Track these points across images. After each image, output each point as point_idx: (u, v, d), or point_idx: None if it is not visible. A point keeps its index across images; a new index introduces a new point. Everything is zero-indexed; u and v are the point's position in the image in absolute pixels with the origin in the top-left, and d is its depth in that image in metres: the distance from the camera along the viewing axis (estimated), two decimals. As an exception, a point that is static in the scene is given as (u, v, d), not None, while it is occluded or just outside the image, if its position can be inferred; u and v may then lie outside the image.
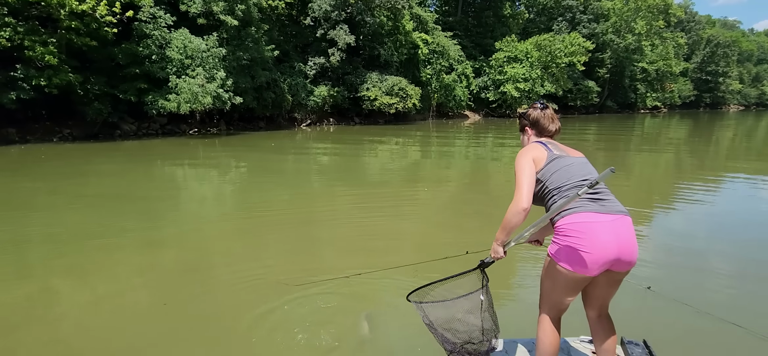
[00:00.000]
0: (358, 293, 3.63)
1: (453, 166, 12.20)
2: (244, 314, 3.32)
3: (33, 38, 14.49)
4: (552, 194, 1.88)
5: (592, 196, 1.83)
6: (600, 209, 1.79)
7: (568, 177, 1.86)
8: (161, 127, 19.79)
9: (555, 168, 1.89)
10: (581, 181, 1.84)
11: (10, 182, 9.23)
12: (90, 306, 3.52)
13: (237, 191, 8.66)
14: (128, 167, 11.43)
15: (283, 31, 26.80)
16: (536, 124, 2.12)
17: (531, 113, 2.15)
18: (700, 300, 3.44)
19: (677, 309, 3.27)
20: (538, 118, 2.11)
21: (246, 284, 3.85)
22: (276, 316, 3.29)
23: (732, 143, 19.12)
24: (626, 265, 1.81)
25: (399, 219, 6.31)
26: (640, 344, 2.27)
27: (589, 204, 1.80)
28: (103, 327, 3.21)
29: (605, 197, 1.85)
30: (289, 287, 3.69)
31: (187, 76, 17.95)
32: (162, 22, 17.93)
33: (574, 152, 2.01)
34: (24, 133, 16.16)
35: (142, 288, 3.87)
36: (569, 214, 1.80)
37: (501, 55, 37.95)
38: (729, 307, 3.39)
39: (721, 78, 66.24)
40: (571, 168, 1.89)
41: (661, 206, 7.25)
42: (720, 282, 4.05)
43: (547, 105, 2.16)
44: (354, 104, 28.11)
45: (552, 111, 2.14)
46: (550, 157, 1.92)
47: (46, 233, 5.58)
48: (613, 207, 1.83)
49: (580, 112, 46.97)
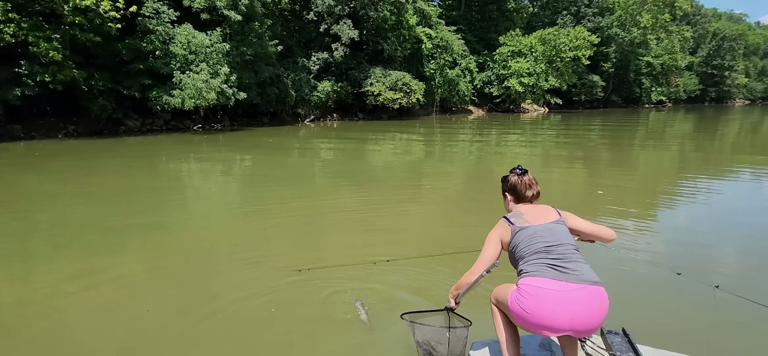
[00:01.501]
0: (368, 282, 3.61)
1: (457, 161, 12.15)
2: (250, 300, 3.31)
3: (37, 34, 14.51)
4: (519, 263, 1.99)
5: (555, 263, 1.88)
6: (558, 276, 1.83)
7: (530, 248, 1.95)
8: (165, 123, 19.82)
9: (519, 240, 2.01)
10: (545, 247, 1.92)
11: (16, 178, 9.26)
12: (94, 300, 3.51)
13: (242, 187, 8.65)
14: (133, 163, 11.44)
15: (287, 27, 26.75)
16: (514, 190, 2.23)
17: (510, 179, 2.25)
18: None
19: (747, 308, 3.17)
20: (515, 184, 2.22)
21: (250, 271, 3.84)
22: (279, 299, 3.27)
23: (738, 137, 18.96)
24: (584, 333, 1.82)
25: (402, 214, 6.27)
26: (619, 332, 2.27)
27: (548, 270, 1.86)
28: (107, 321, 3.20)
29: (569, 266, 1.86)
30: (292, 272, 3.67)
31: (191, 71, 17.95)
32: (166, 18, 17.91)
33: (542, 216, 2.08)
34: (29, 129, 16.21)
35: (148, 284, 3.86)
36: (526, 275, 1.89)
37: (505, 50, 37.76)
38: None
39: (727, 72, 65.64)
40: (533, 238, 1.97)
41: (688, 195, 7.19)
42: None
43: (525, 171, 2.24)
44: (358, 99, 28.04)
45: (530, 178, 2.23)
46: (514, 231, 2.04)
47: (51, 225, 5.59)
48: (576, 276, 1.83)
49: (585, 106, 46.72)
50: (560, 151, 14.18)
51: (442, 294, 3.20)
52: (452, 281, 2.39)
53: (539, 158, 12.70)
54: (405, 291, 3.54)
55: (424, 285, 3.63)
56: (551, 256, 1.88)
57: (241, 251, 4.66)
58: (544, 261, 1.88)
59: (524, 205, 2.19)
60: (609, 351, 2.16)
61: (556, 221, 2.04)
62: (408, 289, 3.58)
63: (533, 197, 2.21)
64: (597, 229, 2.18)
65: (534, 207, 2.16)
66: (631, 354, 2.12)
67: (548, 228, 2.00)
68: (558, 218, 2.08)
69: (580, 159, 12.40)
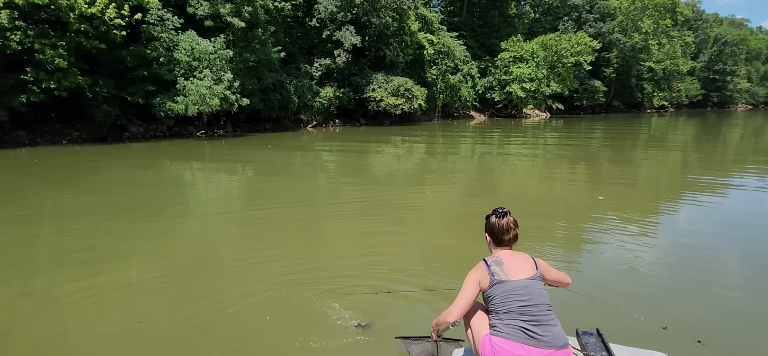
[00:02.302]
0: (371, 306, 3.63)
1: (459, 168, 12.17)
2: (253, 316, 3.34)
3: (43, 41, 14.65)
4: (491, 316, 2.08)
5: (526, 326, 1.93)
6: (528, 342, 1.91)
7: (505, 305, 2.00)
8: (169, 129, 19.92)
9: (495, 293, 2.04)
10: (520, 307, 1.97)
11: (19, 184, 9.33)
12: (94, 306, 3.55)
13: (243, 195, 8.69)
14: (136, 169, 11.51)
15: (289, 33, 26.89)
16: (492, 232, 2.24)
17: (491, 221, 2.26)
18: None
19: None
20: (493, 227, 2.23)
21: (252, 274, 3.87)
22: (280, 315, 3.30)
23: (740, 142, 18.93)
24: None
25: (404, 228, 6.30)
26: (593, 333, 2.33)
27: (518, 334, 1.93)
28: (105, 328, 3.23)
29: (538, 331, 1.92)
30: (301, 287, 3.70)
31: (195, 78, 18.07)
32: (170, 25, 18.06)
33: (520, 269, 2.09)
34: (34, 135, 16.33)
35: (154, 297, 3.89)
36: (498, 335, 1.96)
37: (507, 55, 37.82)
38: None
39: (729, 77, 65.58)
40: (510, 294, 2.00)
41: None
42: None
43: (506, 212, 2.25)
44: (360, 105, 28.13)
45: (510, 220, 2.22)
46: (492, 282, 2.07)
47: (53, 232, 5.63)
48: (545, 342, 1.90)
49: (587, 112, 46.71)
50: (562, 156, 14.19)
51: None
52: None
53: (541, 163, 12.72)
54: (403, 328, 3.28)
55: (423, 318, 3.32)
56: (524, 318, 1.94)
57: (241, 261, 4.69)
58: (516, 323, 1.94)
59: (504, 251, 2.20)
60: (583, 351, 2.21)
61: (532, 277, 2.07)
62: (406, 326, 3.59)
63: (510, 241, 2.23)
64: (561, 277, 2.31)
65: (514, 256, 2.16)
66: (605, 353, 2.18)
67: (525, 285, 2.03)
68: (535, 272, 2.10)
69: (582, 167, 12.40)
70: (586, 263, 4.64)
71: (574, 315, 3.17)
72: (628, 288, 3.99)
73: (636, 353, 2.22)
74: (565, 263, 4.51)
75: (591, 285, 3.91)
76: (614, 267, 4.51)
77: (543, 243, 5.18)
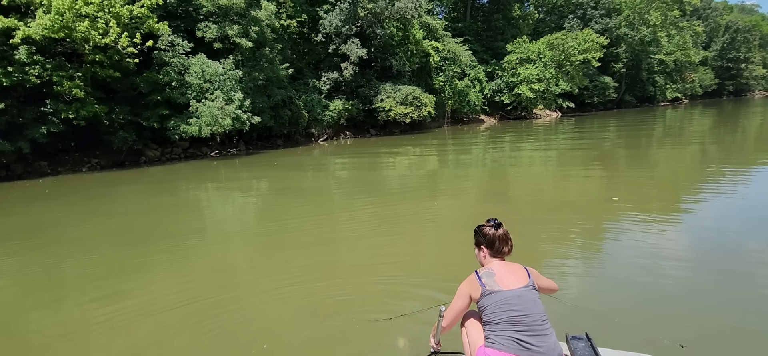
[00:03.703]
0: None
1: (471, 175, 12.13)
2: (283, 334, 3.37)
3: (60, 74, 15.14)
4: (485, 327, 2.07)
5: (520, 338, 1.92)
6: (523, 352, 1.90)
7: (498, 315, 1.99)
8: (184, 151, 20.30)
9: (488, 303, 2.04)
10: (514, 317, 1.95)
11: (41, 212, 9.60)
12: (121, 328, 3.62)
13: (258, 213, 8.79)
14: (153, 192, 11.75)
15: (296, 50, 27.30)
16: (491, 244, 2.24)
17: (486, 232, 2.26)
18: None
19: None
20: (492, 239, 2.23)
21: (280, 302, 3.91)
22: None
23: (761, 130, 18.47)
24: None
25: (419, 239, 6.29)
26: (583, 338, 2.35)
27: (513, 345, 1.92)
28: (138, 346, 3.29)
29: (533, 341, 1.91)
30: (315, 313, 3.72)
31: (207, 99, 18.43)
32: (180, 49, 18.51)
33: (513, 279, 2.08)
34: (55, 164, 16.80)
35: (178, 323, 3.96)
36: (492, 346, 1.96)
37: (513, 57, 37.73)
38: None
39: (744, 64, 64.22)
40: (503, 305, 2.00)
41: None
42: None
43: (500, 224, 2.26)
44: (369, 116, 28.30)
45: (504, 230, 2.25)
46: (484, 293, 2.06)
47: (80, 262, 5.78)
48: (541, 352, 1.89)
49: (598, 109, 46.15)
50: (575, 157, 14.04)
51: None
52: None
53: (554, 164, 12.60)
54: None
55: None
56: (518, 328, 1.93)
57: (258, 282, 4.74)
58: (510, 334, 1.93)
59: (497, 262, 2.20)
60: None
61: (525, 287, 2.06)
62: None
63: (508, 252, 2.24)
64: (550, 284, 2.32)
65: (506, 266, 2.16)
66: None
67: (517, 295, 2.02)
68: (528, 282, 2.09)
69: (597, 165, 12.24)
70: (599, 267, 4.57)
71: (594, 321, 3.12)
72: (640, 294, 3.92)
73: (623, 355, 2.25)
74: (580, 268, 4.45)
75: (603, 290, 3.86)
76: (624, 275, 4.44)
77: (560, 246, 5.13)
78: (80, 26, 14.62)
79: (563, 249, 5.02)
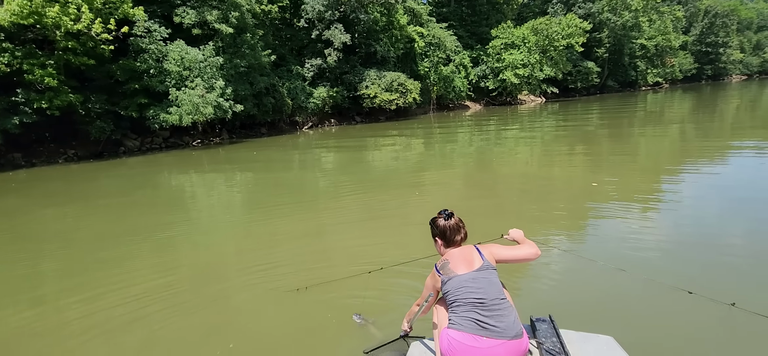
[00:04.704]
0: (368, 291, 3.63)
1: (457, 161, 12.16)
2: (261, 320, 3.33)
3: (31, 62, 14.56)
4: (448, 309, 2.14)
5: (479, 319, 1.98)
6: (481, 333, 1.95)
7: (458, 299, 2.07)
8: (164, 140, 19.85)
9: (447, 289, 2.12)
10: (473, 300, 2.02)
11: (17, 207, 9.30)
12: (101, 325, 3.53)
13: (242, 202, 8.67)
14: (133, 184, 11.47)
15: (278, 36, 26.79)
16: (443, 235, 2.29)
17: (438, 223, 2.31)
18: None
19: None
20: (443, 230, 2.28)
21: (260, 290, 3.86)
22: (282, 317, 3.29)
23: (737, 114, 18.94)
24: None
25: (405, 220, 6.29)
26: (546, 319, 2.42)
27: (472, 325, 1.98)
28: (122, 339, 3.22)
29: (490, 322, 1.96)
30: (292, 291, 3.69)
31: (187, 87, 17.99)
32: (157, 36, 17.95)
33: (466, 263, 2.15)
34: (30, 156, 16.26)
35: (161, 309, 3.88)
36: (453, 327, 2.03)
37: (498, 43, 37.76)
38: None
39: (722, 49, 65.49)
40: (460, 290, 2.07)
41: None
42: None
43: (451, 214, 2.31)
44: (354, 103, 28.08)
45: (457, 220, 2.30)
46: (443, 281, 2.16)
47: (59, 254, 5.61)
48: (497, 332, 1.94)
49: (581, 94, 46.70)
50: (559, 142, 14.19)
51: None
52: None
53: (538, 150, 12.72)
54: (400, 295, 3.55)
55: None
56: (476, 309, 2.00)
57: (241, 268, 4.68)
58: (469, 315, 2.00)
59: (451, 250, 2.26)
60: (535, 338, 2.28)
61: (479, 268, 2.11)
62: (403, 292, 3.59)
63: (461, 240, 2.28)
64: (520, 253, 2.26)
65: (459, 252, 2.22)
66: (555, 339, 2.25)
67: (472, 278, 2.08)
68: (482, 263, 2.13)
69: (580, 150, 12.41)
70: (585, 243, 4.64)
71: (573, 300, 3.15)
72: (627, 308, 3.99)
73: (584, 337, 2.29)
74: (567, 245, 4.50)
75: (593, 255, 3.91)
76: (598, 259, 4.52)
77: (542, 228, 5.18)
78: (50, 12, 14.02)
79: (544, 234, 5.08)
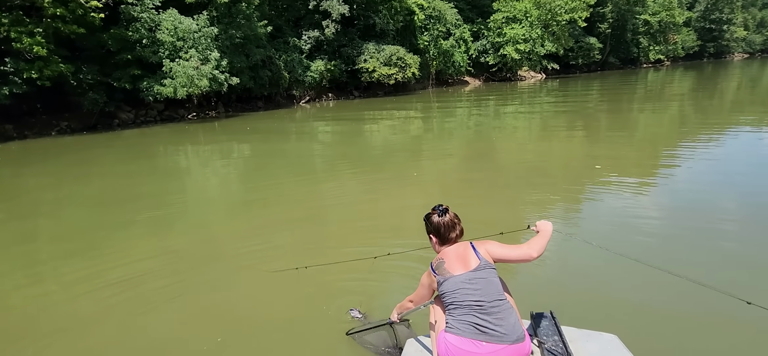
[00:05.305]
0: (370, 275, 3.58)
1: (455, 138, 12.03)
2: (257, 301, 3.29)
3: (19, 29, 14.11)
4: (445, 311, 2.03)
5: (478, 322, 1.87)
6: (480, 338, 1.85)
7: (455, 301, 1.96)
8: (159, 113, 19.54)
9: (443, 290, 2.02)
10: (471, 302, 1.91)
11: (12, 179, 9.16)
12: (101, 301, 3.48)
13: (238, 178, 8.56)
14: (128, 157, 11.31)
15: (275, 6, 26.05)
16: (437, 232, 2.17)
17: (432, 220, 2.19)
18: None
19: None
20: (437, 227, 2.16)
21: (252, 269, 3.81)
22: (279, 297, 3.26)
23: (737, 94, 18.76)
24: None
25: (403, 200, 6.22)
26: (547, 315, 2.31)
27: (470, 330, 1.87)
28: (111, 324, 3.17)
29: (489, 326, 1.86)
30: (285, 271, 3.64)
31: (181, 59, 17.57)
32: (149, 4, 17.39)
33: (462, 262, 2.04)
34: (21, 128, 15.98)
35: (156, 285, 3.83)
36: (451, 331, 1.92)
37: (499, 16, 36.97)
38: None
39: (726, 26, 64.52)
40: (457, 292, 1.96)
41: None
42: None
43: (446, 210, 2.17)
44: (352, 77, 27.62)
45: (451, 216, 2.17)
46: (439, 282, 2.04)
47: (53, 228, 5.53)
48: (497, 337, 1.84)
49: (582, 70, 46.13)
50: (559, 120, 14.04)
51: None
52: None
53: (538, 128, 12.59)
54: (403, 282, 3.50)
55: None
56: (475, 311, 1.89)
57: (238, 248, 4.61)
58: (467, 319, 1.90)
59: (446, 249, 2.13)
60: (535, 336, 2.19)
61: (476, 268, 1.99)
62: (407, 282, 3.54)
63: (457, 238, 2.16)
64: (517, 253, 2.08)
65: (455, 251, 2.09)
66: (556, 336, 2.15)
67: (469, 279, 1.96)
68: (479, 262, 2.01)
69: (580, 128, 12.29)
70: (589, 228, 4.59)
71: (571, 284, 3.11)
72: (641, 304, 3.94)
73: (586, 335, 2.19)
74: (565, 229, 4.46)
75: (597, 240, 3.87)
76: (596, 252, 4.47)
77: (543, 211, 5.12)
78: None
79: (545, 218, 5.02)
